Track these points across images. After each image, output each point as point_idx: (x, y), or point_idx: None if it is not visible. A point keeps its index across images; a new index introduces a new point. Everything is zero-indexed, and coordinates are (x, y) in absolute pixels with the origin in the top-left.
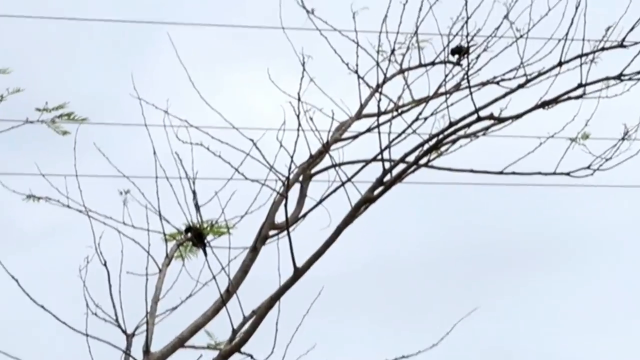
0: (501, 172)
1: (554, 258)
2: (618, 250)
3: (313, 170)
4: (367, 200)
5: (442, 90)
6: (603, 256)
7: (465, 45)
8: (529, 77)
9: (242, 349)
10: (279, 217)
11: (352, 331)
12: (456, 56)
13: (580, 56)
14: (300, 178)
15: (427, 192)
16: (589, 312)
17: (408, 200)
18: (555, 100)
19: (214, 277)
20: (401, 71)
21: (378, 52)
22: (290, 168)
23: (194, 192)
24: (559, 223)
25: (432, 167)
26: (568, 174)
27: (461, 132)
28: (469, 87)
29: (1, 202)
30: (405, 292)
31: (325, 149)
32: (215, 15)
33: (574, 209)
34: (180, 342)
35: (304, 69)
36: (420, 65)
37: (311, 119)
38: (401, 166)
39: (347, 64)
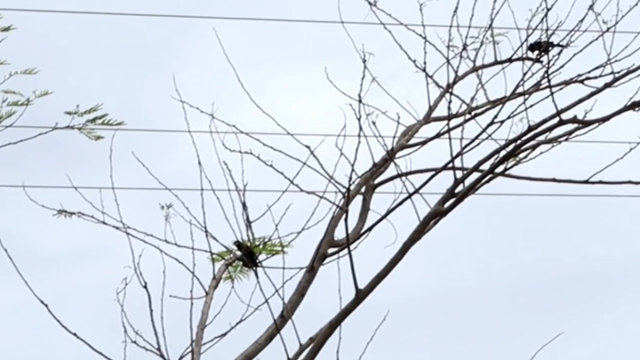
0: (587, 182)
1: None
2: None
3: (376, 181)
4: (437, 213)
5: (520, 90)
6: None
7: (546, 40)
8: (616, 75)
9: None
10: (339, 233)
11: None
12: (535, 52)
13: None
14: (363, 189)
15: (503, 204)
16: None
17: (482, 214)
18: None
19: (266, 301)
20: (474, 69)
21: (448, 47)
22: (350, 178)
23: (244, 206)
24: None
25: (509, 176)
26: None
27: (541, 137)
28: (550, 86)
29: (30, 218)
30: (475, 320)
31: (390, 156)
32: (259, 9)
33: None
34: None
35: (365, 67)
36: (496, 62)
37: (374, 123)
38: (474, 175)
39: (414, 62)
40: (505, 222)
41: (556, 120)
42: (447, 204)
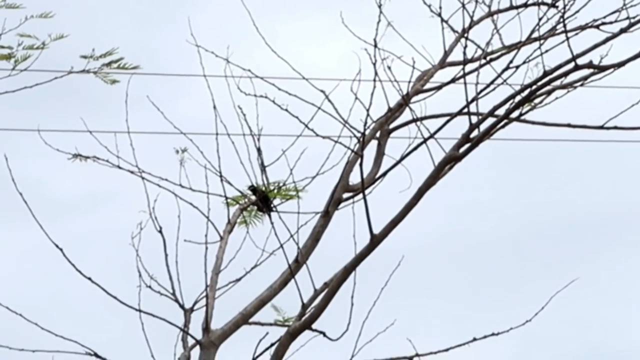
0: (602, 127)
1: None
2: None
3: (392, 126)
4: (452, 158)
5: (535, 35)
6: None
7: None
8: (632, 21)
9: (313, 326)
10: (354, 178)
11: (434, 307)
12: None
13: None
14: (378, 134)
15: (518, 149)
16: None
17: (497, 159)
18: None
19: (281, 246)
20: (490, 14)
21: None
22: (366, 123)
23: (258, 150)
24: None
25: (524, 121)
26: None
27: (557, 83)
28: (566, 31)
29: (45, 162)
30: (489, 265)
31: (405, 101)
32: None
33: None
34: (243, 319)
35: (380, 12)
36: (511, 7)
37: (389, 67)
38: (490, 120)
39: (429, 6)
40: (521, 167)
41: (571, 65)
42: (462, 149)
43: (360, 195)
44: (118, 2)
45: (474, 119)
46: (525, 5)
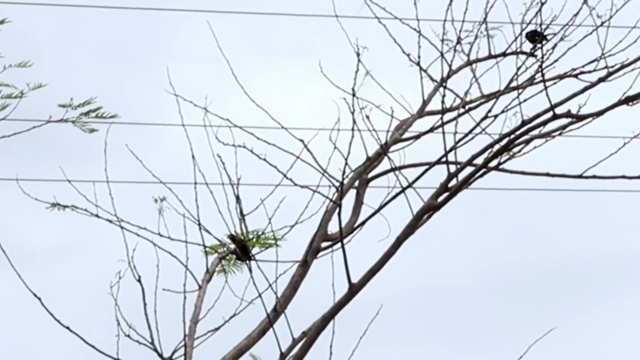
0: (580, 176)
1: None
2: None
3: (370, 175)
4: (430, 207)
5: (513, 84)
6: None
7: (543, 30)
8: (610, 70)
9: None
10: (332, 227)
11: (412, 356)
12: (531, 45)
13: None
14: (356, 183)
15: (497, 199)
16: None
17: (475, 209)
18: None
19: (259, 295)
20: (468, 63)
21: (442, 41)
22: (344, 172)
23: (237, 199)
24: None
25: (502, 170)
26: None
27: (535, 132)
28: (544, 80)
29: (23, 211)
30: (468, 315)
31: (384, 150)
32: (246, 3)
33: None
34: None
35: (359, 61)
36: (490, 56)
37: (367, 117)
38: (468, 169)
39: (408, 55)
40: (499, 216)
41: (550, 114)
42: (440, 198)
43: (339, 245)
44: (95, 52)
45: (452, 168)
46: (504, 54)
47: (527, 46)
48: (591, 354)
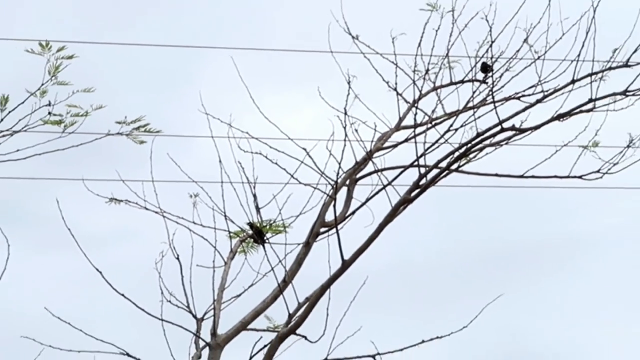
0: (522, 176)
1: (566, 253)
2: (620, 248)
3: (358, 175)
4: (405, 201)
5: (470, 104)
6: (607, 255)
7: (492, 63)
8: (545, 93)
9: (297, 331)
10: (329, 217)
11: (392, 316)
12: (483, 75)
13: (590, 75)
14: (347, 182)
15: (457, 194)
16: (593, 304)
17: (440, 202)
18: (569, 113)
19: (272, 269)
20: (434, 88)
21: (414, 71)
22: (338, 173)
23: (254, 196)
24: (573, 221)
25: (461, 171)
26: (580, 177)
27: (487, 142)
28: (494, 102)
29: (87, 204)
30: (434, 285)
31: (369, 156)
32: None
33: (585, 208)
34: (243, 326)
35: (349, 87)
36: (451, 83)
37: (356, 130)
38: (435, 171)
39: (387, 83)
40: (459, 208)
41: (498, 128)
42: (413, 194)
43: (334, 230)
44: (144, 81)
45: (423, 170)
46: (462, 81)
47: (480, 75)
48: (529, 316)
